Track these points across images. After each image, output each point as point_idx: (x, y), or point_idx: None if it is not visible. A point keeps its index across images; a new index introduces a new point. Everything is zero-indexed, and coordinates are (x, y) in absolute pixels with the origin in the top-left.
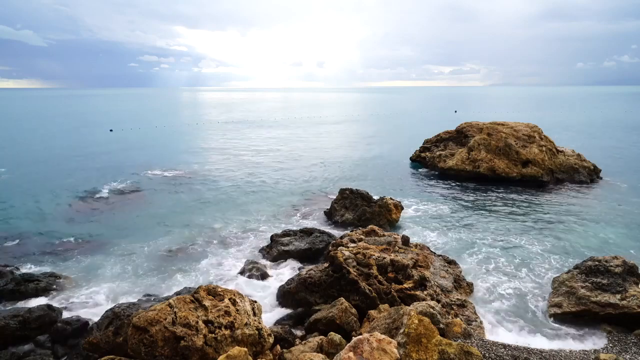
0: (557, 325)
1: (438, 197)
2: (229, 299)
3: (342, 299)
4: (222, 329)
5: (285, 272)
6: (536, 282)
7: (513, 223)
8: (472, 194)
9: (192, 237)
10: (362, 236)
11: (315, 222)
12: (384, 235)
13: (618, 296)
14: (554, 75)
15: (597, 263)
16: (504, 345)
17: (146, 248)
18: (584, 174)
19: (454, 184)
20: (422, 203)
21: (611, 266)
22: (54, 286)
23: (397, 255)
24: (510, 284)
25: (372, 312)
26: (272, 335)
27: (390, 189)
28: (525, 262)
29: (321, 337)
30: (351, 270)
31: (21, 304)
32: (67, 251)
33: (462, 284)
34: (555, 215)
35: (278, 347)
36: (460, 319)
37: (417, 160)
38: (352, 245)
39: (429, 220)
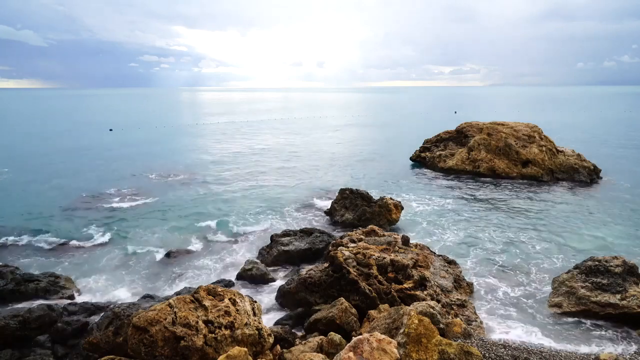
0: (557, 325)
1: (438, 197)
2: (229, 299)
3: (342, 299)
4: (222, 329)
5: (285, 272)
6: (536, 282)
7: (513, 223)
8: (471, 194)
9: (192, 237)
10: (362, 236)
11: (315, 222)
12: (384, 235)
13: (618, 296)
14: (554, 75)
15: (597, 263)
16: (504, 345)
17: (146, 248)
18: (584, 174)
19: (454, 184)
20: (422, 203)
21: (611, 266)
22: (54, 286)
23: (397, 255)
24: (510, 283)
25: (372, 312)
26: (272, 335)
27: (390, 188)
28: (525, 262)
29: (321, 337)
30: (351, 270)
31: (21, 304)
32: (67, 251)
33: (462, 284)
34: (555, 215)
35: (278, 347)
36: (460, 319)
37: (417, 160)
38: (352, 245)
39: (429, 220)
